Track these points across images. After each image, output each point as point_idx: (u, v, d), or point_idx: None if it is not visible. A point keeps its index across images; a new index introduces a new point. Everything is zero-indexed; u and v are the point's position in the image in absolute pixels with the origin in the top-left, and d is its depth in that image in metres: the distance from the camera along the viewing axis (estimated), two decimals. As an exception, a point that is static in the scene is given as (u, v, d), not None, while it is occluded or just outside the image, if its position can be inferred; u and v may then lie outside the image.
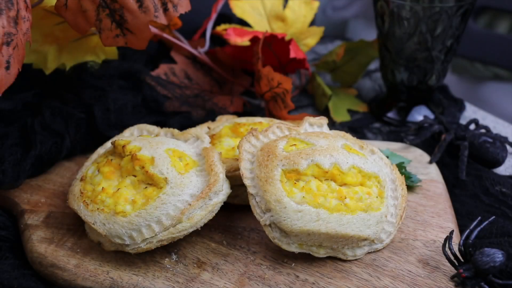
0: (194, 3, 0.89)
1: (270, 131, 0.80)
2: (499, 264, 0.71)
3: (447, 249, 0.75)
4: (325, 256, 0.75)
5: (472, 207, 0.88)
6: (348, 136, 0.82)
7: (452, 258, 0.74)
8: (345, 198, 0.73)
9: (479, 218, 0.77)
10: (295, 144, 0.77)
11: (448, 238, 0.75)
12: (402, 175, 0.85)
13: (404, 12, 1.01)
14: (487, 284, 0.71)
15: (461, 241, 0.74)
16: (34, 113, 0.97)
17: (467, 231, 0.75)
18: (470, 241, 0.74)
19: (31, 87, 1.02)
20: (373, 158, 0.81)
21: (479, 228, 0.76)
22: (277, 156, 0.74)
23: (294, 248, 0.74)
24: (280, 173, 0.73)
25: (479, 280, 0.71)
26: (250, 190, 0.74)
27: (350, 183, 0.74)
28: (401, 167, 0.90)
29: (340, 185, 0.74)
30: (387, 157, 0.90)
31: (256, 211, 0.74)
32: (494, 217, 0.78)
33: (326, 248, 0.75)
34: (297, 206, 0.72)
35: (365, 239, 0.75)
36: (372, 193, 0.75)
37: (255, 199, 0.74)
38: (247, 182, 0.75)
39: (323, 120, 0.84)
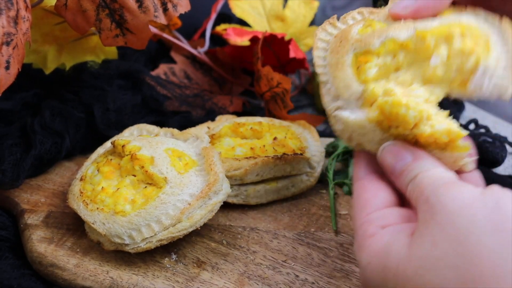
0: (194, 3, 0.89)
1: (349, 17, 0.72)
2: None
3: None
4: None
5: (471, 207, 0.88)
6: None
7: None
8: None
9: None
10: (371, 25, 0.67)
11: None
12: None
13: (404, 12, 1.00)
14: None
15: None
16: (34, 113, 0.97)
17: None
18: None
19: (31, 87, 1.02)
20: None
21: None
22: (349, 40, 0.66)
23: (353, 145, 0.67)
24: (351, 58, 0.66)
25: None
26: (322, 77, 0.70)
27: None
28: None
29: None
30: None
31: (326, 99, 0.69)
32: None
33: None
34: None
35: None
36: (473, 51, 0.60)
37: (326, 86, 0.70)
38: (319, 70, 0.70)
39: None
